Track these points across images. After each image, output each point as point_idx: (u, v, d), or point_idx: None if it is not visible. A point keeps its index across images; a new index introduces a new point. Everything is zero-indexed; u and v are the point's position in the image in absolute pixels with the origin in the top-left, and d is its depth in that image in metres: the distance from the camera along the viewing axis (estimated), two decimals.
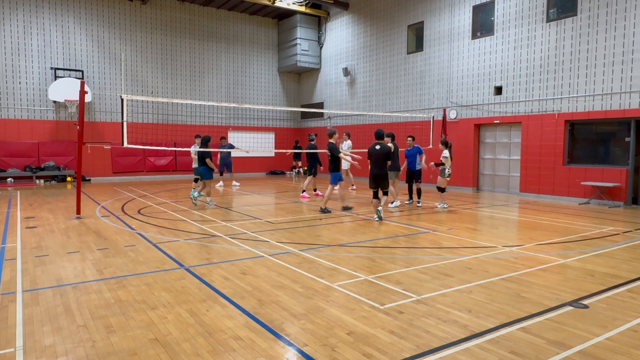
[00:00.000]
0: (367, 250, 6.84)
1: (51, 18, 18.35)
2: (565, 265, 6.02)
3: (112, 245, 7.14)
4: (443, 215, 10.39)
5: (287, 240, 7.51)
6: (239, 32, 23.09)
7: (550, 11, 13.58)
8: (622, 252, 6.81)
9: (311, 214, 10.38)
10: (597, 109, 12.51)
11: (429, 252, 6.78)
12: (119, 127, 13.53)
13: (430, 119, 16.17)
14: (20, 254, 6.51)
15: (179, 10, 21.30)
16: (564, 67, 13.17)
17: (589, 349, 3.53)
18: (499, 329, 3.90)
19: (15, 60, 17.75)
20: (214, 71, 22.37)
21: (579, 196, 12.95)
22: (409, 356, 3.40)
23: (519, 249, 6.94)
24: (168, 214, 10.27)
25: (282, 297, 4.70)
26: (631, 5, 11.71)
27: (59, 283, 5.16)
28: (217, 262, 6.09)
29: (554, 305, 4.48)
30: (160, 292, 4.86)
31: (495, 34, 15.00)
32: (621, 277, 5.47)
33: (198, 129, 21.39)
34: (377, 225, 8.96)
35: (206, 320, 4.08)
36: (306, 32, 22.83)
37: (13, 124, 17.79)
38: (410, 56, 18.16)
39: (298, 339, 3.71)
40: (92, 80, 19.19)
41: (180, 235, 7.92)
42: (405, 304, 4.51)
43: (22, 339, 3.67)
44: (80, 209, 9.89)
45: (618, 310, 4.37)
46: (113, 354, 3.43)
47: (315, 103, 23.82)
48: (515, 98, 14.48)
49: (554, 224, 9.31)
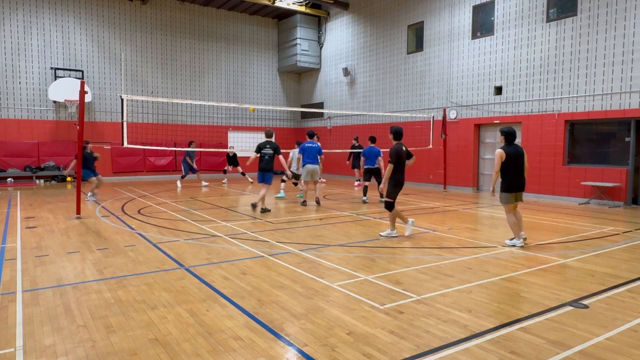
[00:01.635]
0: (367, 250, 6.84)
1: (51, 18, 18.35)
2: (565, 265, 6.02)
3: (112, 245, 7.14)
4: (443, 215, 10.39)
5: (287, 240, 7.51)
6: (239, 32, 23.09)
7: (550, 11, 13.58)
8: (622, 252, 6.81)
9: (311, 214, 10.39)
10: (597, 109, 12.51)
11: (429, 252, 6.78)
12: (119, 127, 13.54)
13: (430, 119, 16.20)
14: (20, 254, 6.51)
15: (179, 10, 21.30)
16: (564, 67, 13.17)
17: (589, 349, 3.53)
18: (499, 329, 3.90)
19: (15, 60, 17.75)
20: (214, 71, 22.37)
21: (579, 196, 12.95)
22: (409, 356, 3.40)
23: (519, 249, 6.94)
24: (168, 214, 10.27)
25: (282, 297, 4.70)
26: (631, 5, 11.71)
27: (59, 283, 5.16)
28: (217, 262, 6.09)
29: (554, 305, 4.48)
30: (160, 292, 4.86)
31: (495, 34, 15.00)
32: (621, 277, 5.47)
33: (198, 129, 21.43)
34: (377, 225, 8.96)
35: (206, 320, 4.08)
36: (306, 32, 22.83)
37: (13, 124, 17.79)
38: (410, 56, 18.16)
39: (298, 339, 3.71)
40: (92, 80, 19.19)
41: (180, 235, 7.92)
42: (405, 304, 4.51)
43: (22, 339, 3.67)
44: (80, 209, 9.89)
45: (618, 310, 4.37)
46: (113, 354, 3.43)
47: (315, 103, 23.82)
48: (515, 98, 14.48)
49: (554, 224, 9.31)
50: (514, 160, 7.10)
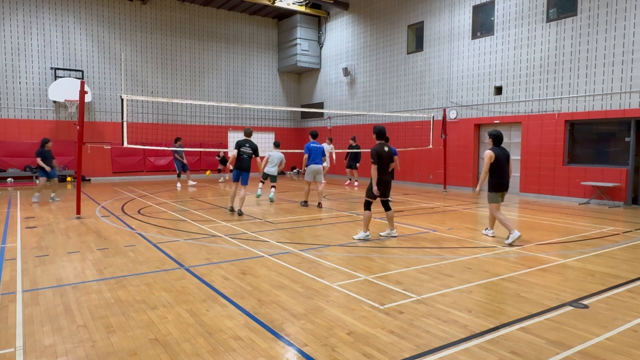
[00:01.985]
0: (367, 250, 6.84)
1: (51, 18, 18.35)
2: (565, 265, 6.02)
3: (112, 245, 7.14)
4: (443, 215, 10.39)
5: (287, 240, 7.51)
6: (239, 32, 23.09)
7: (550, 11, 13.58)
8: (622, 252, 6.81)
9: (311, 214, 10.38)
10: (597, 109, 12.51)
11: (429, 252, 6.78)
12: (119, 127, 13.54)
13: (430, 119, 16.19)
14: (20, 254, 6.51)
15: (179, 10, 21.30)
16: (564, 67, 13.17)
17: (589, 349, 3.53)
18: (499, 329, 3.90)
19: (15, 60, 17.75)
20: (214, 71, 22.37)
21: (579, 196, 12.95)
22: (409, 356, 3.40)
23: (519, 249, 6.94)
24: (168, 214, 10.27)
25: (282, 297, 4.70)
26: (631, 5, 11.71)
27: (59, 283, 5.16)
28: (217, 262, 6.09)
29: (554, 305, 4.48)
30: (160, 292, 4.86)
31: (495, 34, 14.99)
32: (621, 277, 5.47)
33: (198, 129, 21.43)
34: (377, 225, 8.96)
35: (206, 320, 4.08)
36: (306, 32, 22.83)
37: (13, 124, 17.79)
38: (410, 56, 18.16)
39: (298, 339, 3.71)
40: (92, 80, 19.19)
41: (180, 235, 7.92)
42: (405, 304, 4.51)
43: (22, 339, 3.67)
44: (80, 209, 9.89)
45: (618, 310, 4.37)
46: (113, 354, 3.43)
47: (315, 103, 23.82)
48: (515, 98, 14.48)
49: (554, 224, 9.31)
50: (502, 161, 7.53)
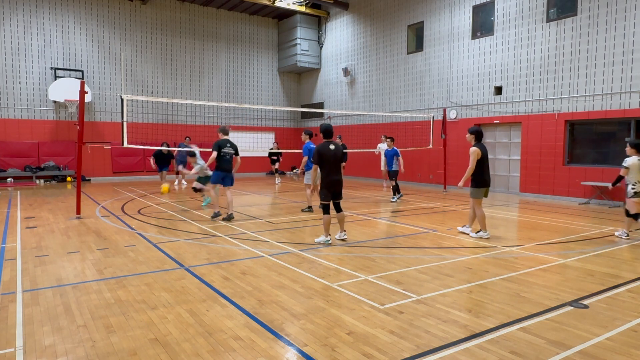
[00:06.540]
0: (367, 250, 6.84)
1: (51, 18, 18.35)
2: (565, 265, 6.02)
3: (112, 245, 7.14)
4: (443, 215, 10.39)
5: (287, 240, 7.51)
6: (239, 32, 23.09)
7: (550, 11, 13.58)
8: (622, 252, 6.81)
9: (311, 214, 10.38)
10: (597, 109, 12.51)
11: (429, 252, 6.78)
12: (119, 127, 13.53)
13: (430, 119, 16.19)
14: (20, 254, 6.51)
15: (179, 10, 21.30)
16: (564, 67, 13.17)
17: (589, 349, 3.53)
18: (499, 329, 3.90)
19: (15, 60, 17.75)
20: (214, 71, 22.37)
21: (579, 196, 12.94)
22: (409, 356, 3.40)
23: (519, 249, 6.94)
24: (168, 214, 10.27)
25: (282, 297, 4.70)
26: (631, 5, 11.71)
27: (59, 283, 5.16)
28: (217, 262, 6.09)
29: (554, 305, 4.48)
30: (160, 292, 4.86)
31: (495, 34, 14.99)
32: (621, 277, 5.47)
33: (198, 129, 21.42)
34: (377, 225, 8.96)
35: (206, 320, 4.08)
36: (306, 32, 22.83)
37: (13, 124, 17.79)
38: (410, 56, 18.15)
39: (298, 339, 3.71)
40: (92, 80, 19.19)
41: (180, 235, 7.92)
42: (405, 304, 4.51)
43: (22, 339, 3.67)
44: (80, 209, 9.89)
45: (618, 310, 4.37)
46: (113, 354, 3.43)
47: (315, 103, 23.82)
48: (515, 98, 14.48)
49: (554, 224, 9.31)
50: (486, 157, 7.68)
